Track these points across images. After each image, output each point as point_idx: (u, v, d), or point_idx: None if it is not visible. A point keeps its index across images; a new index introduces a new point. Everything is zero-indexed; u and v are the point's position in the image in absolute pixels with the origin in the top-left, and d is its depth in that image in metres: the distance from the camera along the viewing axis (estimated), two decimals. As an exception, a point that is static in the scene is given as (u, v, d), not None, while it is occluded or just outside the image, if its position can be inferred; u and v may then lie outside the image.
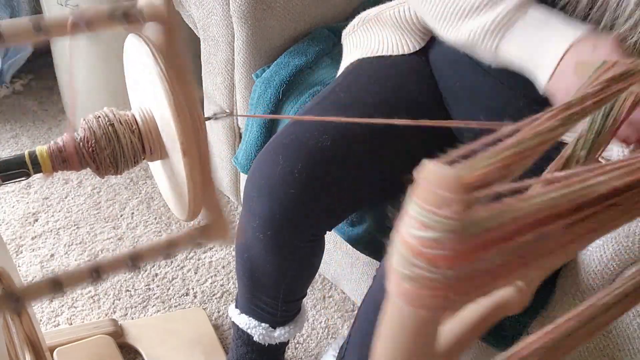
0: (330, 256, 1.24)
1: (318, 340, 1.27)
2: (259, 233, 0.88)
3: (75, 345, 1.14)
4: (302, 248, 0.91)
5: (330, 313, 1.32)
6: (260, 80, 1.12)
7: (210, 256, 1.40)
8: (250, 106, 1.14)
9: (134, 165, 0.71)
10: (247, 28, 1.10)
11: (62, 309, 1.27)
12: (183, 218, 0.79)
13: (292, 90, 1.10)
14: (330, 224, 0.93)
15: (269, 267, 0.92)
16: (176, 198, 0.78)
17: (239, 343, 1.05)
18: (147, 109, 0.71)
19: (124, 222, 1.46)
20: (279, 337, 1.02)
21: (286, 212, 0.85)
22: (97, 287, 1.32)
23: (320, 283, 1.37)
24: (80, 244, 1.40)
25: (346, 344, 0.92)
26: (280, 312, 0.99)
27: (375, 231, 0.96)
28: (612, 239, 0.76)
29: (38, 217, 1.45)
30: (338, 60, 1.07)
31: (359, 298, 1.23)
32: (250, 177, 0.87)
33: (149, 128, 0.70)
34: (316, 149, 0.84)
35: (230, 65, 1.18)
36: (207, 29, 1.18)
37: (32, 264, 1.35)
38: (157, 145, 0.71)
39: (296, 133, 0.86)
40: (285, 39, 1.16)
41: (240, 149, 1.17)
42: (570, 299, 0.83)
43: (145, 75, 0.67)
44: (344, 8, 1.23)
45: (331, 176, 0.85)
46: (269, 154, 0.86)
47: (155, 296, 1.31)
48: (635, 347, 0.80)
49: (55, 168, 0.64)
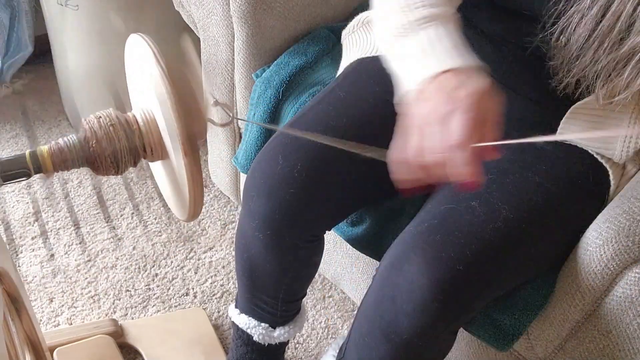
0: (330, 256, 1.24)
1: (318, 340, 1.27)
2: (258, 233, 0.88)
3: (75, 345, 1.14)
4: (302, 248, 0.91)
5: (330, 313, 1.32)
6: (260, 80, 1.12)
7: (210, 256, 1.40)
8: (250, 106, 1.15)
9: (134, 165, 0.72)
10: (247, 28, 1.10)
11: (62, 309, 1.27)
12: (183, 218, 0.80)
13: (292, 90, 1.10)
14: (330, 224, 0.93)
15: (269, 267, 0.92)
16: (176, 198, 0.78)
17: (239, 343, 1.05)
18: (148, 110, 0.71)
19: (124, 222, 1.46)
20: (279, 337, 1.02)
21: (286, 212, 0.85)
22: (97, 287, 1.32)
23: (320, 283, 1.37)
24: (80, 244, 1.40)
25: (346, 344, 0.92)
26: (280, 312, 0.99)
27: (375, 231, 0.96)
28: (612, 239, 0.76)
29: (38, 217, 1.46)
30: (338, 60, 1.07)
31: (359, 298, 1.23)
32: (250, 177, 0.87)
33: (150, 128, 0.70)
34: (316, 149, 0.84)
35: (230, 65, 1.19)
36: (207, 29, 1.18)
37: (32, 264, 1.35)
38: (157, 145, 0.71)
39: (296, 133, 0.86)
40: (285, 39, 1.16)
41: (240, 149, 1.17)
42: (570, 298, 0.83)
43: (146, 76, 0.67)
44: (344, 8, 1.23)
45: (331, 176, 0.85)
46: (268, 154, 0.86)
47: (155, 296, 1.31)
48: (635, 347, 0.80)
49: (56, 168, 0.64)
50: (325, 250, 1.00)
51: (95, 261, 1.37)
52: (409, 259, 0.75)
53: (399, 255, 0.77)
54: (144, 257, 1.39)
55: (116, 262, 1.37)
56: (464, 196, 0.79)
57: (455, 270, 0.73)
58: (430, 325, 0.75)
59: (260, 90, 1.11)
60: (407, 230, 0.81)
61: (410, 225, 0.81)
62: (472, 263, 0.74)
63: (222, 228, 1.47)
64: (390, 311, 0.77)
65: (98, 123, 0.66)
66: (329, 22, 1.21)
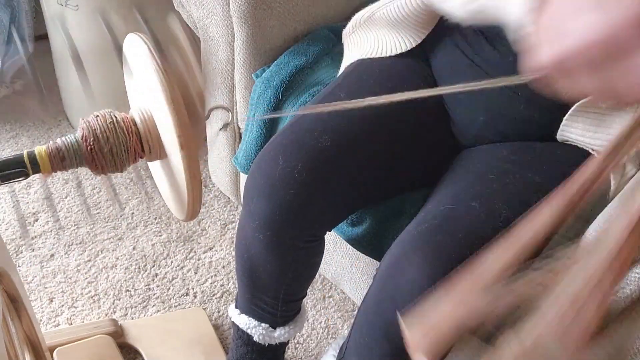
0: (330, 256, 1.24)
1: (318, 340, 1.27)
2: (258, 233, 0.88)
3: (75, 345, 1.14)
4: (302, 248, 0.91)
5: (330, 313, 1.32)
6: (260, 80, 1.12)
7: (210, 256, 1.40)
8: (250, 106, 1.14)
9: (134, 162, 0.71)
10: (247, 28, 1.10)
11: (62, 309, 1.27)
12: (182, 218, 0.79)
13: (292, 90, 1.10)
14: (330, 224, 0.93)
15: (269, 267, 0.92)
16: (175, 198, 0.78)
17: (239, 343, 1.05)
18: (146, 109, 0.71)
19: (124, 222, 1.46)
20: (279, 337, 1.02)
21: (286, 213, 0.84)
22: (97, 287, 1.32)
23: (320, 283, 1.37)
24: (80, 244, 1.40)
25: (346, 344, 0.92)
26: (280, 312, 0.99)
27: (375, 231, 0.96)
28: (612, 239, 0.76)
29: (38, 217, 1.45)
30: (338, 60, 1.07)
31: (359, 298, 1.23)
32: (250, 177, 0.87)
33: (148, 128, 0.70)
34: (316, 149, 0.84)
35: (230, 65, 1.18)
36: (207, 29, 1.18)
37: (32, 264, 1.35)
38: (156, 145, 0.71)
39: (296, 133, 0.86)
40: (285, 39, 1.16)
41: (240, 149, 1.17)
42: (570, 299, 0.82)
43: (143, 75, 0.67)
44: (344, 8, 1.23)
45: (331, 176, 0.85)
46: (268, 154, 0.86)
47: (155, 296, 1.31)
48: (635, 347, 0.80)
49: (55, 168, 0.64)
50: (325, 250, 0.99)
51: (95, 261, 1.37)
52: (410, 259, 0.75)
53: (399, 255, 0.77)
54: (144, 257, 1.39)
55: (116, 262, 1.37)
56: (465, 196, 0.79)
57: (456, 271, 0.73)
58: (430, 326, 0.75)
59: (260, 90, 1.11)
60: (408, 230, 0.80)
61: (411, 226, 0.81)
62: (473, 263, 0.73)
63: (222, 228, 1.47)
64: (391, 311, 0.77)
65: (96, 122, 0.66)
66: (329, 22, 1.21)
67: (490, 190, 0.79)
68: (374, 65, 0.95)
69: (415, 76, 0.93)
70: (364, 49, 0.98)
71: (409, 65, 0.94)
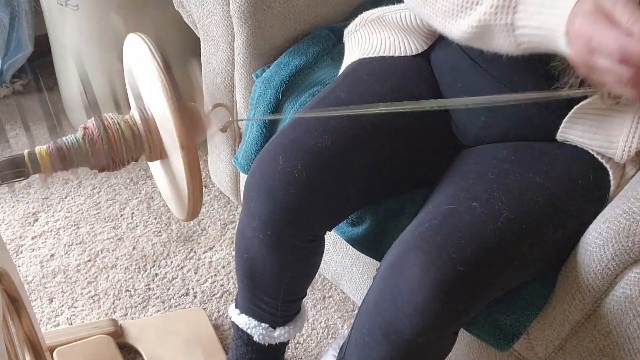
0: (330, 256, 1.24)
1: (318, 340, 1.27)
2: (258, 233, 0.88)
3: (75, 345, 1.14)
4: (302, 248, 0.91)
5: (330, 313, 1.32)
6: (260, 80, 1.12)
7: (210, 256, 1.40)
8: (250, 106, 1.14)
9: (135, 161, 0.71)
10: (247, 28, 1.10)
11: (62, 309, 1.27)
12: (182, 218, 0.79)
13: (292, 90, 1.10)
14: (330, 224, 0.93)
15: (269, 267, 0.92)
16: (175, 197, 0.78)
17: (239, 343, 1.05)
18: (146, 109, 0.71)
19: (124, 222, 1.46)
20: (279, 337, 1.02)
21: (286, 212, 0.85)
22: (97, 287, 1.32)
23: (320, 283, 1.37)
24: (80, 244, 1.40)
25: (346, 344, 0.92)
26: (280, 312, 0.99)
27: (375, 231, 0.96)
28: (612, 239, 0.76)
29: (38, 217, 1.45)
30: (338, 60, 1.07)
31: (359, 298, 1.23)
32: (250, 178, 0.87)
33: (149, 127, 0.70)
34: (316, 149, 0.84)
35: (230, 65, 1.19)
36: (207, 29, 1.18)
37: (32, 264, 1.35)
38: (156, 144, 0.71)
39: (296, 133, 0.86)
40: (285, 39, 1.16)
41: (240, 149, 1.17)
42: (570, 298, 0.83)
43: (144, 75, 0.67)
44: (344, 8, 1.23)
45: (331, 176, 0.85)
46: (269, 154, 0.86)
47: (155, 296, 1.31)
48: (635, 347, 0.80)
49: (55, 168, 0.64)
50: (325, 250, 0.99)
51: (95, 261, 1.37)
52: (410, 260, 0.75)
53: (399, 255, 0.77)
54: (144, 257, 1.39)
55: (116, 262, 1.37)
56: (465, 196, 0.79)
57: (456, 271, 0.73)
58: (431, 326, 0.75)
59: (260, 90, 1.11)
60: (408, 230, 0.81)
61: (411, 226, 0.81)
62: (473, 263, 0.73)
63: (222, 228, 1.47)
64: (391, 311, 0.77)
65: (96, 122, 0.66)
66: (329, 22, 1.21)
67: (490, 190, 0.79)
68: (374, 64, 0.95)
69: (415, 76, 0.93)
70: (366, 47, 0.99)
71: (409, 65, 0.94)
